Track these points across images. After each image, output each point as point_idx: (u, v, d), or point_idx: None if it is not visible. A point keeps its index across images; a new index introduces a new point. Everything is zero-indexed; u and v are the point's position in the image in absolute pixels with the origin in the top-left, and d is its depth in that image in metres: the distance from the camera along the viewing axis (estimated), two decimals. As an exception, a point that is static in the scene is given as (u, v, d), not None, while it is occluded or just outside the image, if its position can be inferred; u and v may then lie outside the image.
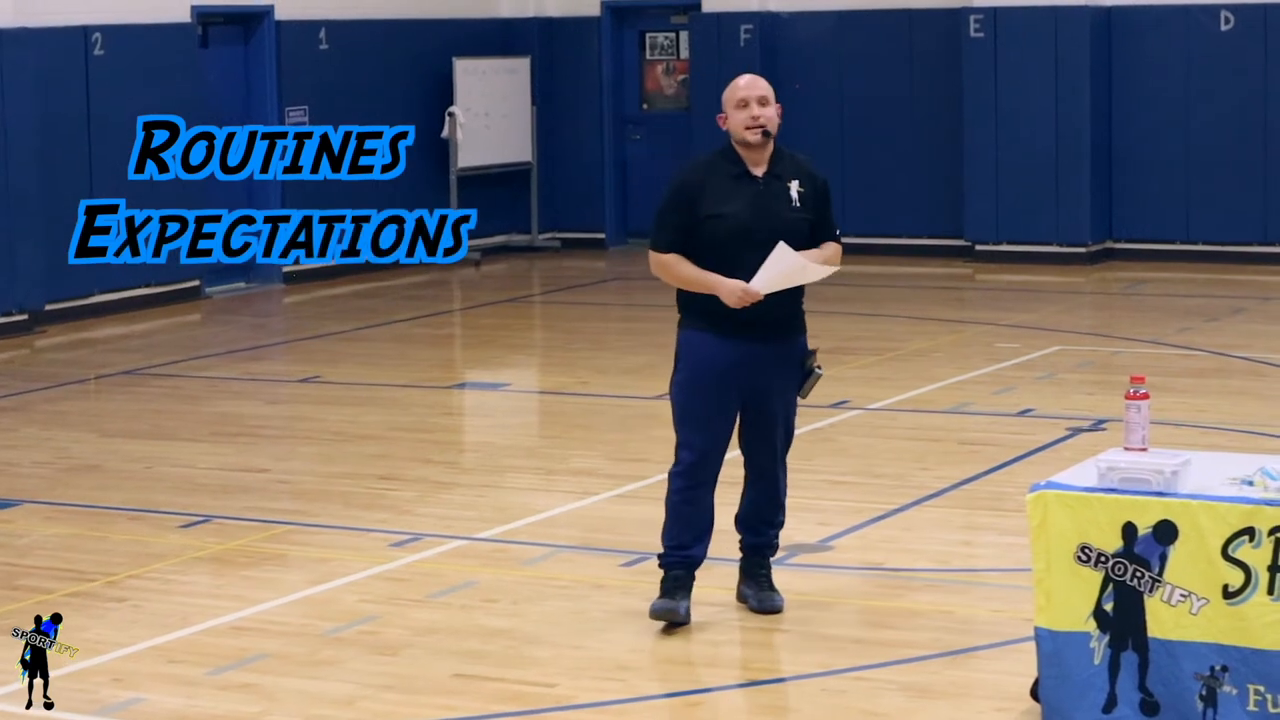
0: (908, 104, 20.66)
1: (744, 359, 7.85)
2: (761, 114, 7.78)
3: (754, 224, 7.75)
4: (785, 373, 7.96)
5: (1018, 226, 19.93)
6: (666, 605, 7.94)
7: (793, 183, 7.85)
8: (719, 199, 7.79)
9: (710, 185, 7.82)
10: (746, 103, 7.80)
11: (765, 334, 7.85)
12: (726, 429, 7.96)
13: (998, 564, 9.06)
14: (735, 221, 7.75)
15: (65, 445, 12.10)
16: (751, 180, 7.83)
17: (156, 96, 17.58)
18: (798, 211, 7.84)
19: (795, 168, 7.91)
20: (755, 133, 7.77)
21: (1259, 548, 6.27)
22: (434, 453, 11.78)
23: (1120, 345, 15.04)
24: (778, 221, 7.77)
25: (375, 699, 7.28)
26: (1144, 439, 6.63)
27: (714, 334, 7.85)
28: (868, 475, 10.80)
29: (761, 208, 7.79)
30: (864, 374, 13.91)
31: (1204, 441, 10.97)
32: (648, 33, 22.26)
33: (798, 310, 7.98)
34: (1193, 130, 19.57)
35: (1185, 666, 6.36)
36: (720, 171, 7.85)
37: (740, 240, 7.74)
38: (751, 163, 7.84)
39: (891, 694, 7.26)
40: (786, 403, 8.03)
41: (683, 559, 8.00)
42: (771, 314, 7.80)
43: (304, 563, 9.23)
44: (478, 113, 20.98)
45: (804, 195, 7.86)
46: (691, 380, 7.91)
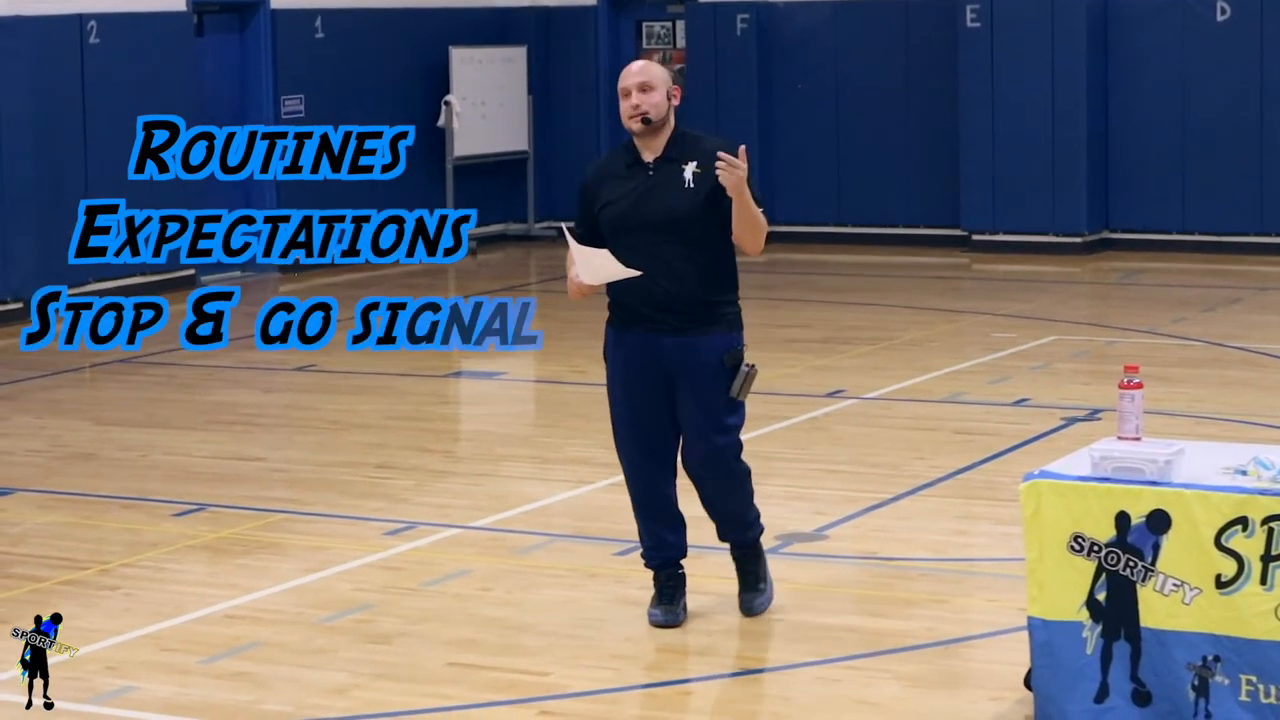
0: (904, 93, 20.66)
1: (648, 353, 7.65)
2: (642, 101, 7.58)
3: (630, 210, 7.62)
4: (694, 371, 7.61)
5: (1014, 216, 19.94)
6: (666, 615, 7.84)
7: (689, 165, 7.59)
8: (611, 189, 7.71)
9: (606, 177, 7.76)
10: (628, 92, 7.64)
11: (665, 329, 7.60)
12: (656, 429, 7.71)
13: (992, 553, 9.07)
14: (615, 209, 7.67)
15: (59, 433, 12.09)
16: (642, 167, 7.68)
17: (152, 85, 17.58)
18: (688, 194, 7.57)
19: (696, 149, 7.64)
20: (635, 121, 7.61)
21: (1252, 537, 6.27)
22: (429, 441, 11.78)
23: (1116, 335, 15.04)
24: (658, 206, 7.59)
25: (369, 687, 7.28)
26: (1138, 428, 6.62)
27: (615, 328, 7.76)
28: (863, 464, 10.80)
29: (643, 194, 7.62)
30: (860, 363, 13.91)
31: (1198, 431, 10.97)
32: (644, 22, 22.25)
33: (706, 303, 7.62)
34: (1189, 121, 19.57)
35: (1178, 656, 6.36)
36: (618, 162, 7.78)
37: (618, 227, 7.64)
38: (645, 150, 7.69)
39: (886, 683, 7.26)
40: (703, 403, 7.64)
41: (664, 558, 7.88)
42: (662, 308, 7.57)
43: (298, 551, 9.23)
44: (474, 102, 20.97)
45: (700, 176, 7.55)
46: (609, 379, 7.81)
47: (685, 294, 7.58)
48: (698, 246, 7.59)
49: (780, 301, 17.64)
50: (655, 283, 7.56)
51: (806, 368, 13.70)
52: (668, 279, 7.57)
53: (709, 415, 7.66)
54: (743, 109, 21.06)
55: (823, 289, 17.98)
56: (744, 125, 20.90)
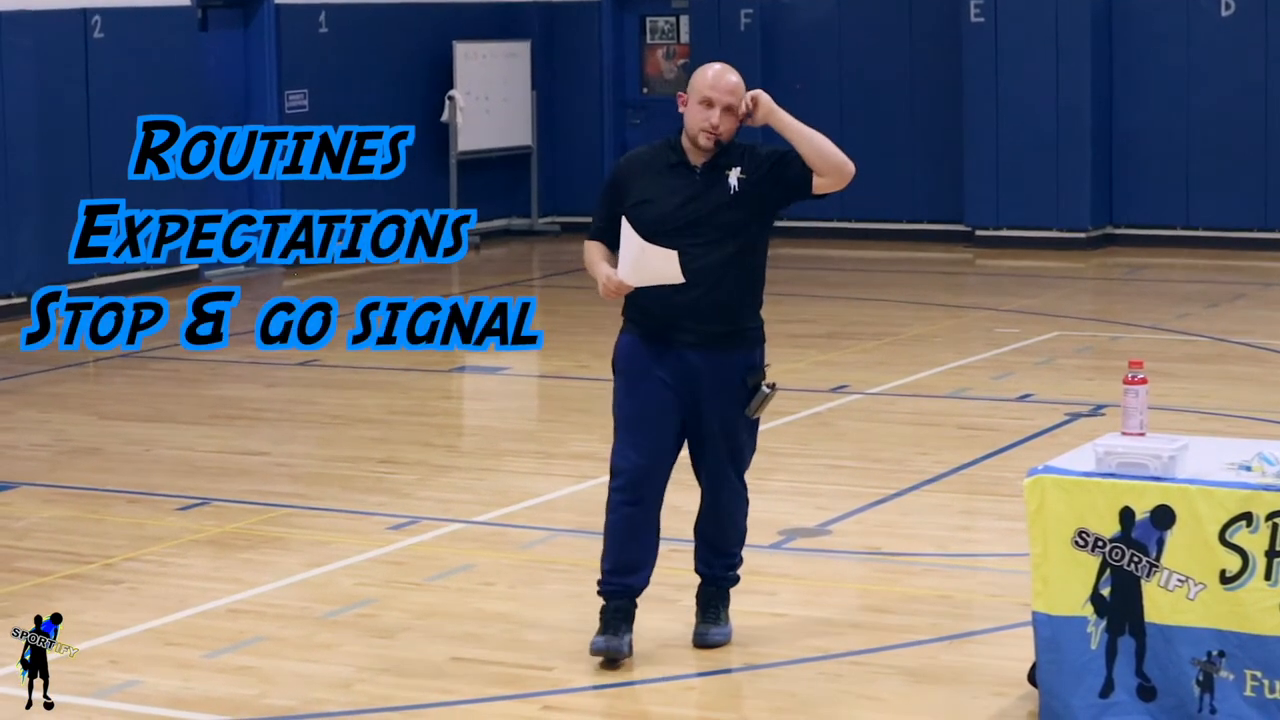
0: (908, 88, 20.65)
1: (672, 367, 7.33)
2: (723, 123, 7.25)
3: (672, 212, 7.27)
4: (719, 387, 7.33)
5: (1018, 211, 19.92)
6: (609, 643, 7.38)
7: (733, 170, 7.30)
8: (648, 186, 7.33)
9: (645, 174, 7.38)
10: (711, 104, 7.26)
11: (692, 342, 7.30)
12: (662, 443, 7.38)
13: (996, 549, 9.06)
14: (654, 209, 7.28)
15: (63, 428, 12.10)
16: (688, 170, 7.33)
17: (156, 80, 17.59)
18: (731, 202, 7.26)
19: (740, 155, 7.34)
20: (709, 138, 7.26)
21: (1256, 533, 6.27)
22: (433, 436, 11.78)
23: (1120, 330, 15.03)
24: (701, 211, 7.26)
25: (372, 682, 7.28)
26: (1142, 424, 6.62)
27: (638, 337, 7.39)
28: (866, 460, 10.79)
29: (688, 197, 7.28)
30: (863, 358, 13.91)
31: (1203, 427, 10.97)
32: (648, 17, 22.24)
33: (738, 320, 7.36)
34: (1193, 115, 19.55)
35: (1182, 652, 6.36)
36: (659, 160, 7.39)
37: (655, 228, 7.22)
38: (692, 153, 7.34)
39: (889, 678, 7.26)
40: (725, 419, 7.37)
41: (622, 588, 7.45)
42: (693, 319, 7.26)
43: (302, 546, 9.23)
44: (478, 96, 20.96)
45: (745, 180, 7.28)
46: (621, 388, 7.45)
47: (718, 304, 7.29)
48: (737, 256, 7.30)
49: (784, 297, 17.62)
50: (689, 291, 7.23)
51: (810, 363, 13.70)
52: (702, 287, 7.24)
53: (731, 431, 7.41)
54: (746, 104, 21.02)
55: (826, 284, 17.97)
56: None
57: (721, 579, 7.64)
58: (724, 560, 7.63)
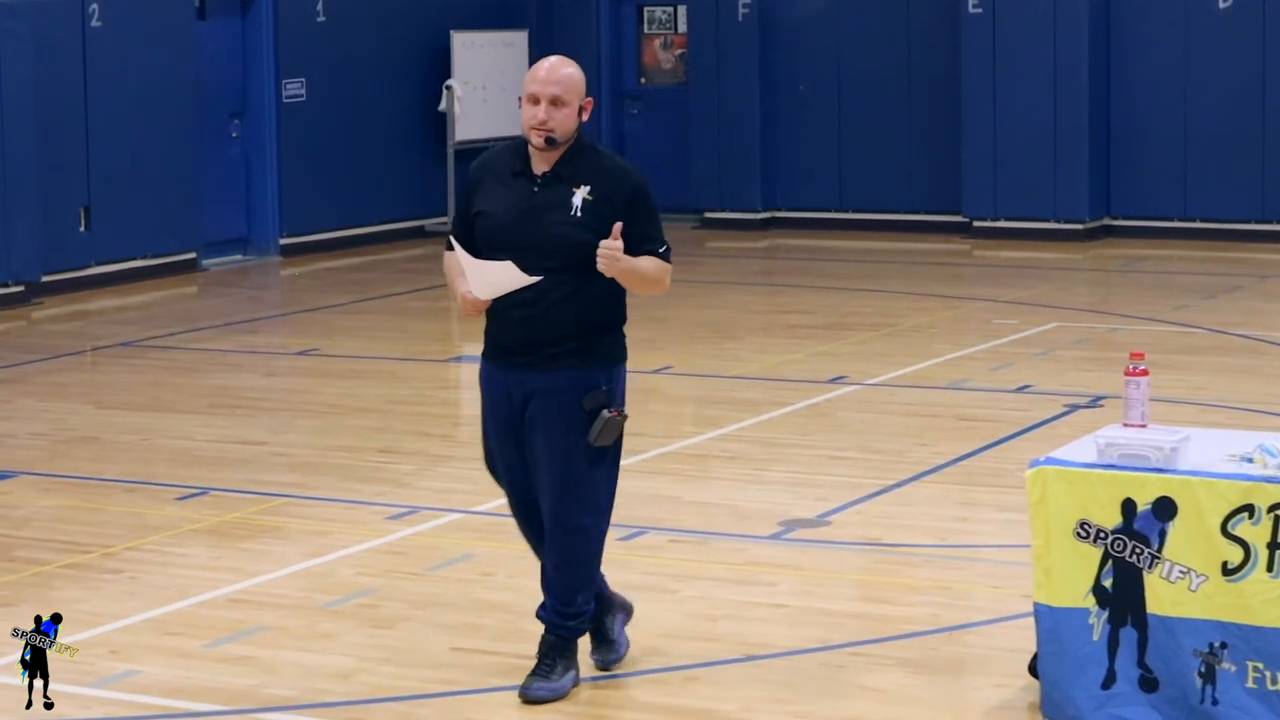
0: (906, 79, 20.64)
1: (511, 389, 6.81)
2: (551, 118, 6.70)
3: (508, 228, 6.73)
4: (553, 411, 6.75)
5: (1016, 203, 19.92)
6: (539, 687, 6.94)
7: (580, 188, 6.71)
8: (491, 195, 6.81)
9: (489, 179, 6.86)
10: (537, 99, 6.73)
11: (525, 363, 6.77)
12: (513, 474, 6.93)
13: (996, 540, 9.07)
14: (490, 223, 6.77)
15: (62, 417, 12.09)
16: (529, 180, 6.79)
17: (154, 69, 17.57)
18: (573, 220, 6.70)
19: (591, 169, 6.77)
20: (539, 136, 6.73)
21: (1258, 525, 6.27)
22: (431, 426, 11.78)
23: (1118, 322, 15.04)
24: (538, 229, 6.70)
25: (372, 672, 7.28)
26: (1144, 415, 6.62)
27: (485, 360, 6.93)
28: (865, 451, 10.79)
29: (524, 212, 6.73)
30: (861, 349, 13.91)
31: (1202, 419, 10.96)
32: (646, 7, 22.21)
33: (580, 338, 6.75)
34: (1191, 108, 19.55)
35: (1184, 643, 6.36)
36: (504, 164, 6.87)
37: (502, 242, 6.72)
38: (536, 159, 6.81)
39: (889, 669, 7.26)
40: (561, 446, 6.75)
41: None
42: (528, 337, 6.73)
43: (301, 535, 9.23)
44: (475, 86, 20.94)
45: (591, 203, 6.70)
46: (482, 415, 7.01)
47: (554, 322, 6.71)
48: (579, 277, 6.71)
49: (782, 288, 17.66)
50: (523, 308, 6.71)
51: (809, 354, 13.70)
52: (539, 305, 6.70)
53: (570, 460, 6.77)
54: (744, 95, 21.03)
55: (825, 275, 17.97)
56: (746, 111, 20.89)
57: (559, 627, 6.97)
58: (558, 607, 6.95)
